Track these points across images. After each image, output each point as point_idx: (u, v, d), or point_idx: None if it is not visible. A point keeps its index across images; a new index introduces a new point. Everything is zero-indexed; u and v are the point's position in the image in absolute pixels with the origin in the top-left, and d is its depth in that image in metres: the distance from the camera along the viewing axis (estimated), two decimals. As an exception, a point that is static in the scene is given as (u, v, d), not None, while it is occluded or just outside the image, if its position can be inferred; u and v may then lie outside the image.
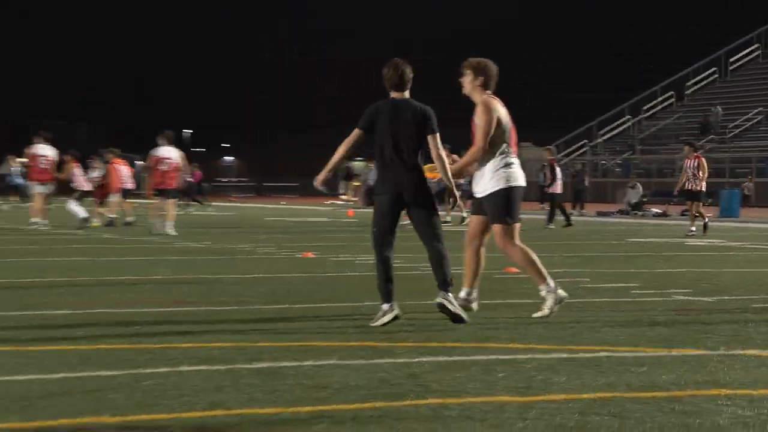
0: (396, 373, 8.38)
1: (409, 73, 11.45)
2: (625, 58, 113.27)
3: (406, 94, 11.49)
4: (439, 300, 11.05)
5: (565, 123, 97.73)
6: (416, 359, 9.02)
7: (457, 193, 12.28)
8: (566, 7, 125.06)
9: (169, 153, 29.12)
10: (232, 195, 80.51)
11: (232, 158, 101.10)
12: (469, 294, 11.99)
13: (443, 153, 11.54)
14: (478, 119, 11.76)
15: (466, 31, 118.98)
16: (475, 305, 11.96)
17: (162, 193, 29.09)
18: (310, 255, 20.69)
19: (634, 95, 77.42)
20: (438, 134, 11.39)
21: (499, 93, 12.00)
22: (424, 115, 11.32)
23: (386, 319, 10.92)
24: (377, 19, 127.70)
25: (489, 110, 11.71)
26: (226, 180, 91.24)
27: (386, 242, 11.34)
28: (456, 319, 10.97)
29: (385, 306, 11.02)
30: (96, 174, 34.89)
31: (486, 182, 11.81)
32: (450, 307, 11.00)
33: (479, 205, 12.01)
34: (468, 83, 11.86)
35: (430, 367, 8.69)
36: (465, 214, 33.22)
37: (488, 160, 11.78)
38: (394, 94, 11.49)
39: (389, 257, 11.30)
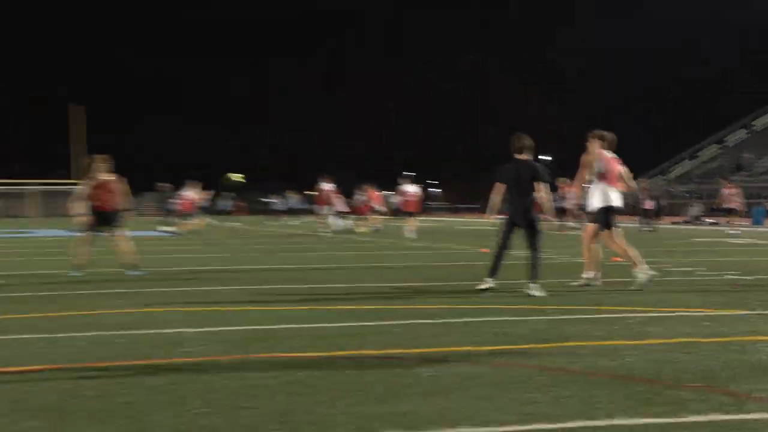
0: (546, 326, 8.25)
1: (527, 143, 11.33)
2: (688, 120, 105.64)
3: (525, 155, 11.33)
4: (527, 291, 10.85)
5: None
6: (558, 317, 8.87)
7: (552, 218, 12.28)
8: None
9: (410, 188, 30.11)
10: (436, 213, 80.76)
11: (438, 190, 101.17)
12: (590, 276, 11.80)
13: (546, 195, 11.29)
14: (581, 162, 11.84)
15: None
16: (598, 282, 11.77)
17: (405, 213, 29.97)
18: (487, 250, 20.52)
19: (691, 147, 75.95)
20: (544, 182, 11.21)
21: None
22: (534, 170, 11.20)
23: (482, 287, 11.13)
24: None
25: (588, 156, 11.76)
26: (433, 203, 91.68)
27: (505, 245, 11.39)
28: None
29: (488, 278, 11.21)
30: (359, 198, 36.06)
31: (593, 202, 11.84)
32: (532, 294, 10.74)
33: (592, 217, 11.95)
34: (594, 146, 11.74)
35: (568, 322, 8.53)
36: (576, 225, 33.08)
37: (593, 188, 11.73)
38: (517, 156, 11.37)
39: (502, 254, 11.34)
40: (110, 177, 14.17)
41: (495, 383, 5.67)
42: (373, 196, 35.41)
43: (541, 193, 11.25)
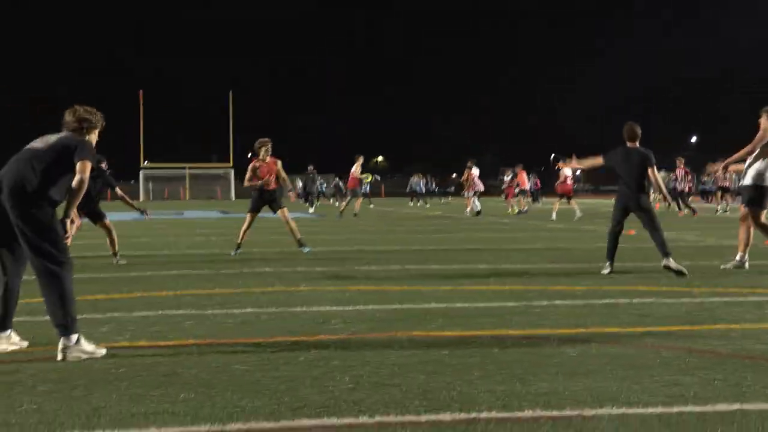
0: (695, 308, 7.99)
1: (637, 131, 11.27)
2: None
3: (636, 143, 11.28)
4: (663, 263, 10.64)
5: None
6: (708, 299, 8.58)
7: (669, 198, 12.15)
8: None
9: (568, 172, 29.25)
10: (580, 195, 79.45)
11: (579, 171, 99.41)
12: (741, 258, 11.37)
13: (659, 177, 11.27)
14: (758, 136, 11.33)
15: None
16: (746, 265, 11.32)
17: (563, 196, 29.07)
18: (632, 232, 20.01)
19: None
20: (654, 166, 11.17)
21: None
22: (644, 156, 11.16)
23: (604, 272, 10.99)
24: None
25: (764, 136, 11.16)
26: (577, 185, 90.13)
27: (616, 228, 11.32)
28: (678, 273, 10.48)
29: (607, 263, 11.13)
30: (506, 178, 35.48)
31: (747, 179, 11.41)
32: (672, 266, 10.56)
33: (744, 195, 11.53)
34: (765, 122, 11.26)
35: (718, 304, 8.24)
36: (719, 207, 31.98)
37: (753, 164, 11.26)
38: (628, 144, 11.33)
39: (616, 235, 11.28)
40: (270, 158, 14.65)
41: (641, 365, 5.52)
42: (522, 178, 34.86)
43: (656, 176, 11.20)
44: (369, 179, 33.02)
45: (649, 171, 11.13)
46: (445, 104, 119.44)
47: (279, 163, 14.72)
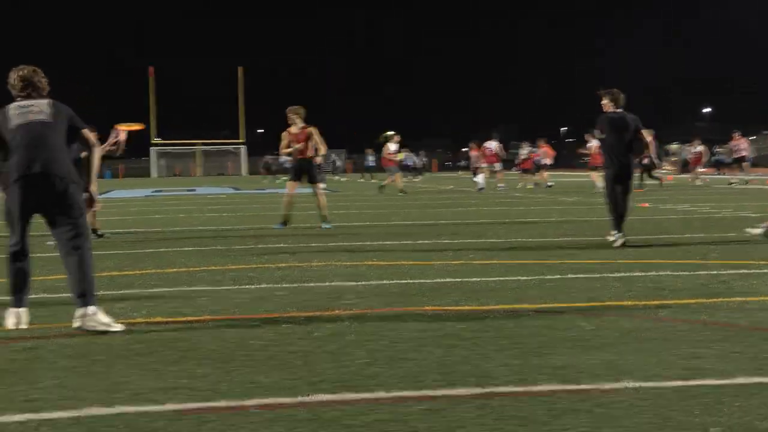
0: (711, 280, 7.98)
1: (623, 99, 11.33)
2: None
3: (620, 110, 11.29)
4: (608, 238, 11.02)
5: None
6: (724, 271, 8.56)
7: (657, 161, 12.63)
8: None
9: (594, 142, 28.81)
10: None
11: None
12: (759, 231, 11.31)
13: (648, 138, 11.73)
14: None
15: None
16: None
17: (596, 168, 28.56)
18: (646, 205, 19.97)
19: None
20: (642, 128, 11.33)
21: None
22: (633, 120, 11.27)
23: (615, 242, 10.92)
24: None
25: None
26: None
27: (613, 196, 11.22)
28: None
29: (614, 232, 11.03)
30: (524, 152, 34.80)
31: None
32: (618, 243, 10.84)
33: None
34: None
35: (736, 276, 8.21)
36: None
37: None
38: (613, 110, 11.32)
39: (617, 203, 11.13)
40: (303, 127, 14.47)
41: (657, 338, 5.52)
42: (549, 151, 34.20)
43: (646, 137, 11.49)
44: (401, 156, 32.75)
45: (642, 133, 11.32)
46: (445, 104, 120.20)
47: (312, 129, 14.43)
